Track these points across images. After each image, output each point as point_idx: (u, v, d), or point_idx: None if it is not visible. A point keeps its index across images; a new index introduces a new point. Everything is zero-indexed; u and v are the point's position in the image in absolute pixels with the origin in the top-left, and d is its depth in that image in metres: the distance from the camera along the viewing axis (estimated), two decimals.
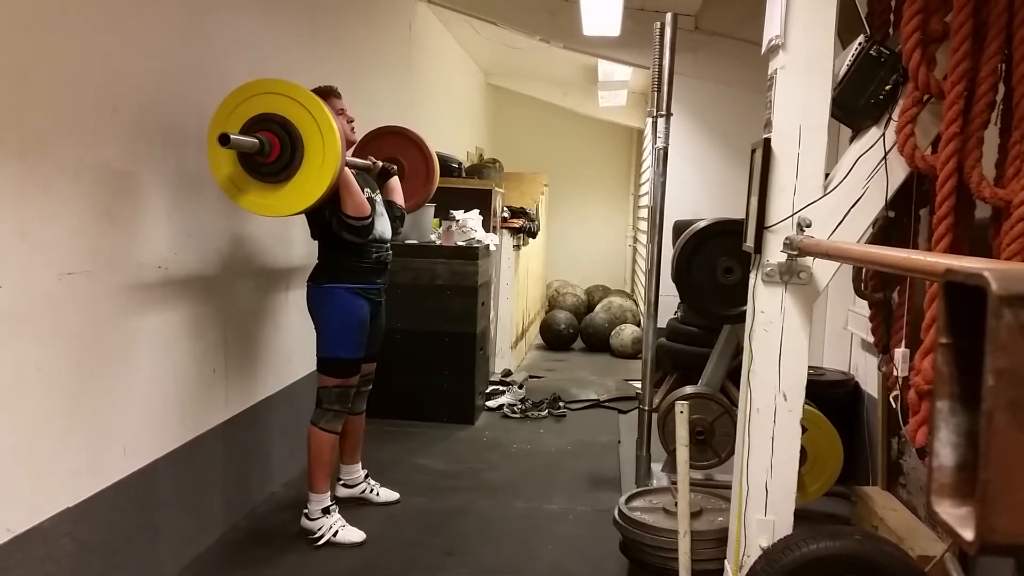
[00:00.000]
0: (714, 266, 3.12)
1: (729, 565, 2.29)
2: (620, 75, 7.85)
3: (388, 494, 3.51)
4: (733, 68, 5.57)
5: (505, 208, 6.21)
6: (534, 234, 6.84)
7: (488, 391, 5.32)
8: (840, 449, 3.06)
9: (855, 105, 2.11)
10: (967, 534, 0.82)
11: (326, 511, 3.07)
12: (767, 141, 2.11)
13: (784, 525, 2.16)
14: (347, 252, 3.03)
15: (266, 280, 3.49)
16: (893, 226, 2.34)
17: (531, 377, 6.13)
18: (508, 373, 5.92)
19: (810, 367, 2.24)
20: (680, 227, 3.54)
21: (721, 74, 5.68)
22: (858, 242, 2.09)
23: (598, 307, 8.19)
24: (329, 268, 3.07)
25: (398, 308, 4.22)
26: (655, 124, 3.54)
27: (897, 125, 2.04)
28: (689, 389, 3.43)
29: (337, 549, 3.01)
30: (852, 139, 2.21)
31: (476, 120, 9.26)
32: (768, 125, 2.14)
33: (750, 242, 2.19)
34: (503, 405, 5.16)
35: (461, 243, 4.91)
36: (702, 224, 3.20)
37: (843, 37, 2.20)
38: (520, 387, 5.46)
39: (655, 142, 3.56)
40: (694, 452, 3.12)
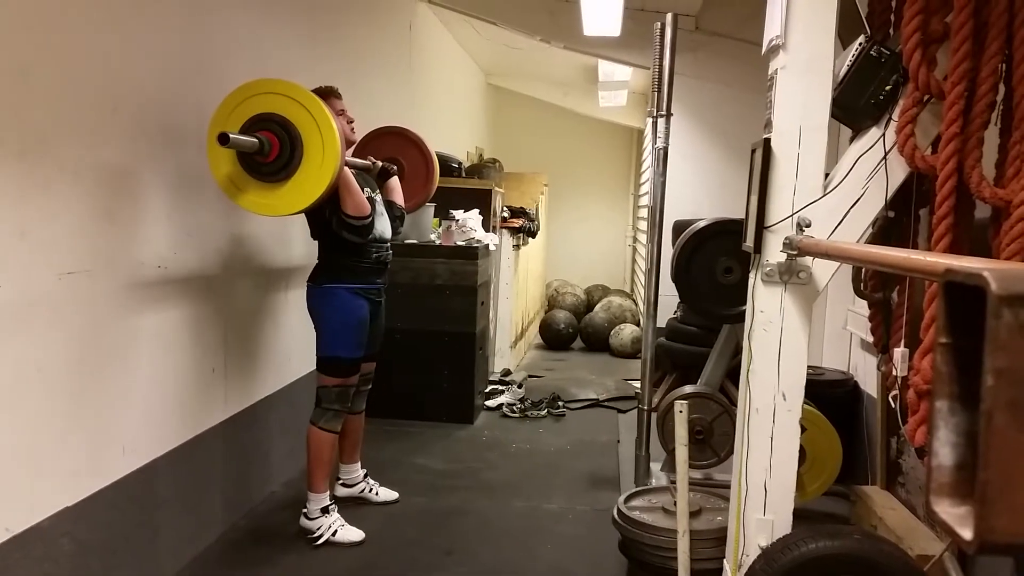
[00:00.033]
0: (714, 266, 3.13)
1: (728, 564, 2.29)
2: (620, 75, 7.85)
3: (387, 493, 3.52)
4: (733, 68, 5.58)
5: (505, 208, 6.21)
6: (534, 234, 6.84)
7: (487, 391, 5.32)
8: (839, 449, 3.07)
9: (855, 105, 2.11)
10: (966, 533, 0.82)
11: (325, 510, 3.07)
12: (767, 141, 2.11)
13: (783, 524, 2.16)
14: (347, 252, 3.03)
15: (266, 280, 3.49)
16: (893, 226, 2.34)
17: (530, 377, 6.13)
18: (507, 373, 5.92)
19: (809, 367, 2.24)
20: (680, 227, 3.54)
21: (721, 74, 5.68)
22: (858, 242, 2.10)
23: (597, 307, 8.19)
24: (329, 268, 3.07)
25: (398, 308, 4.22)
26: (655, 124, 3.54)
27: (897, 125, 2.04)
28: (688, 388, 3.43)
29: (336, 548, 3.01)
30: (852, 139, 2.21)
31: (476, 120, 9.26)
32: (768, 125, 2.14)
33: (750, 242, 2.19)
34: (502, 405, 5.16)
35: (461, 243, 4.91)
36: (702, 224, 3.20)
37: (843, 37, 2.20)
38: (519, 386, 5.46)
39: (655, 142, 3.57)
40: (693, 451, 3.12)
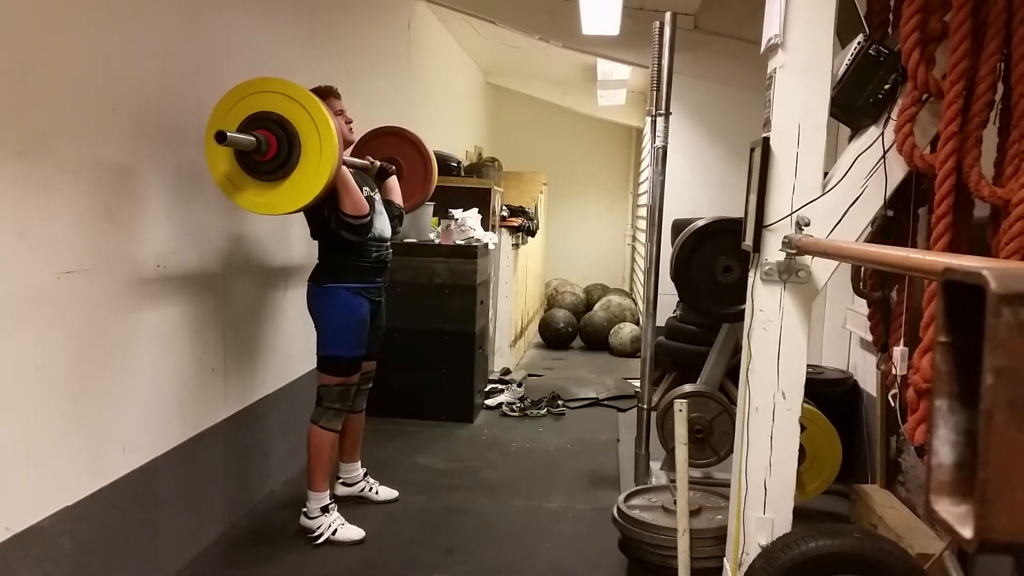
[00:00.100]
0: (713, 265, 3.13)
1: (728, 563, 2.30)
2: (619, 74, 7.85)
3: (387, 492, 3.52)
4: (732, 67, 5.57)
5: (504, 207, 6.21)
6: (533, 233, 6.84)
7: (487, 389, 5.32)
8: (839, 447, 3.07)
9: (854, 104, 2.11)
10: (966, 532, 0.82)
11: (325, 509, 3.08)
12: (766, 140, 2.11)
13: (783, 523, 2.16)
14: (347, 251, 3.03)
15: (265, 279, 3.49)
16: (892, 225, 2.34)
17: (530, 376, 6.13)
18: (507, 372, 5.92)
19: (809, 365, 2.24)
20: (679, 226, 3.54)
21: (720, 73, 5.68)
22: (857, 241, 2.10)
23: (597, 306, 8.19)
24: (329, 268, 3.07)
25: (397, 307, 4.22)
26: (654, 123, 3.54)
27: (896, 124, 2.04)
28: (688, 387, 3.43)
29: (336, 547, 3.01)
30: (851, 138, 2.21)
31: (475, 119, 9.26)
32: (767, 124, 2.14)
33: (749, 241, 2.19)
34: (502, 404, 5.16)
35: (460, 242, 4.91)
36: (701, 223, 3.20)
37: (842, 36, 2.20)
38: (519, 385, 5.46)
39: (654, 141, 3.56)
40: (693, 450, 3.12)
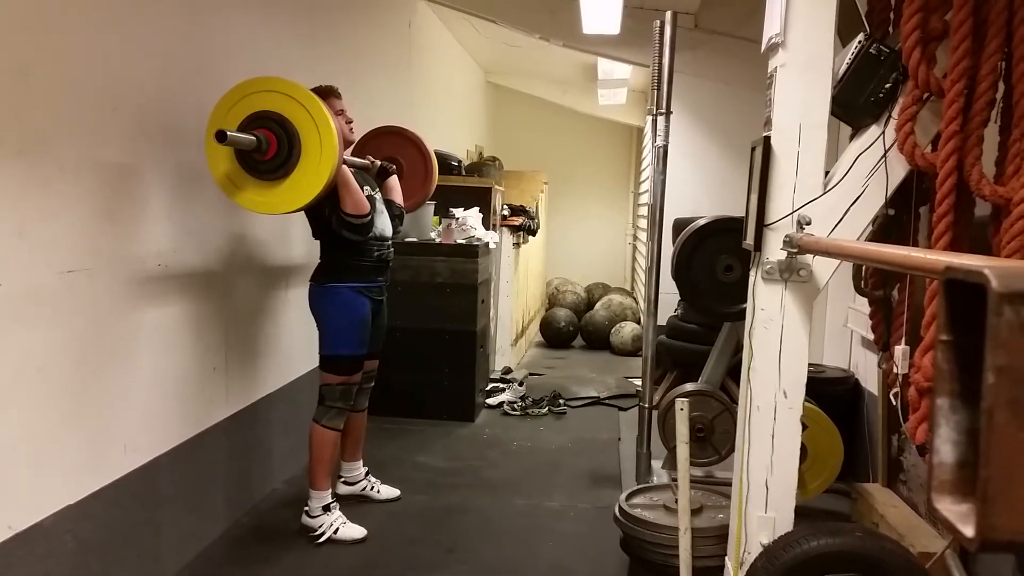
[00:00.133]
0: (714, 264, 3.13)
1: (730, 562, 2.30)
2: (620, 73, 7.85)
3: (389, 491, 3.52)
4: (733, 66, 5.57)
5: (505, 206, 6.21)
6: (534, 232, 6.84)
7: (488, 389, 5.32)
8: (840, 446, 3.07)
9: (855, 103, 2.11)
10: (968, 531, 0.83)
11: (327, 508, 3.08)
12: (767, 139, 2.11)
13: (784, 522, 2.16)
14: (349, 251, 3.03)
15: (266, 278, 3.49)
16: (893, 224, 2.34)
17: (531, 375, 6.13)
18: (508, 371, 5.92)
19: (810, 364, 2.24)
20: (680, 225, 3.54)
21: (721, 72, 5.68)
22: (858, 240, 2.10)
23: (598, 305, 8.19)
24: (332, 267, 3.07)
25: (398, 306, 4.22)
26: (655, 122, 3.54)
27: (897, 123, 2.04)
28: (689, 386, 3.43)
29: (338, 546, 3.02)
30: (852, 137, 2.21)
31: (476, 118, 9.26)
32: (768, 123, 2.14)
33: (750, 240, 2.19)
34: (503, 403, 5.16)
35: (461, 241, 4.91)
36: (702, 222, 3.20)
37: (843, 35, 2.20)
38: (520, 384, 5.46)
39: (655, 140, 3.56)
40: (694, 449, 3.12)
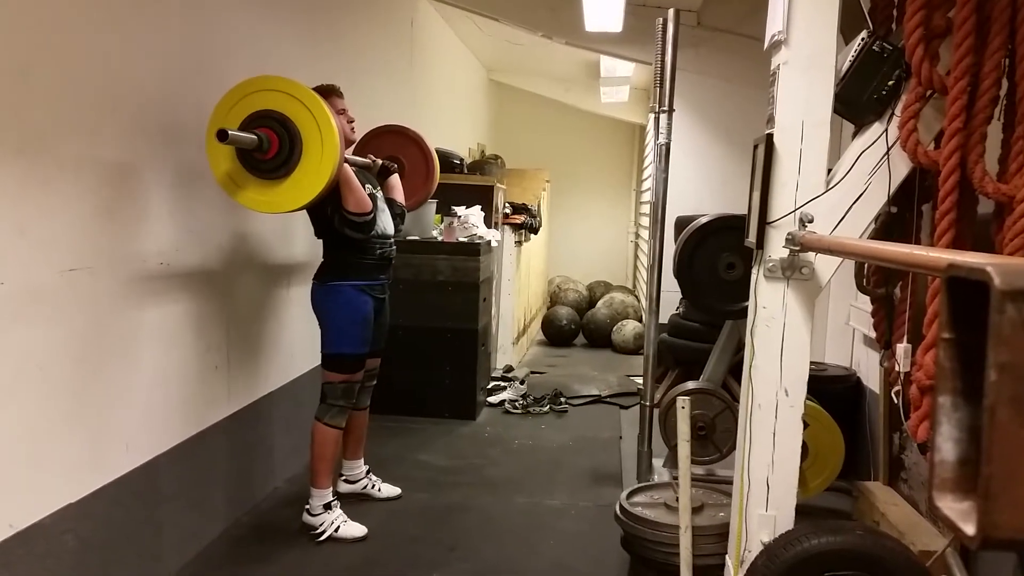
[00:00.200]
0: (716, 262, 3.12)
1: (730, 560, 2.29)
2: (622, 71, 7.84)
3: (390, 490, 3.52)
4: (735, 64, 5.56)
5: (507, 204, 6.21)
6: (536, 230, 6.83)
7: (489, 387, 5.32)
8: (842, 444, 3.06)
9: (858, 100, 2.10)
10: (969, 529, 0.82)
11: (328, 507, 3.08)
12: (769, 137, 2.10)
13: (785, 520, 2.16)
14: (352, 249, 3.03)
15: (268, 276, 3.49)
16: (895, 221, 2.33)
17: (533, 373, 6.13)
18: (510, 369, 5.92)
19: (812, 362, 2.23)
20: (682, 223, 3.54)
21: (723, 70, 5.67)
22: (860, 237, 2.09)
23: (600, 303, 8.19)
24: (335, 266, 3.07)
25: (400, 304, 4.22)
26: (657, 120, 3.54)
27: (900, 120, 2.03)
28: (691, 385, 3.43)
29: (339, 544, 3.02)
30: (855, 135, 2.20)
31: (478, 116, 9.25)
32: (770, 121, 2.13)
33: (752, 238, 2.19)
34: (504, 401, 5.16)
35: (463, 239, 4.91)
36: (704, 220, 3.20)
37: (846, 33, 2.19)
38: (522, 383, 5.46)
39: (657, 138, 3.56)
40: (695, 448, 3.12)
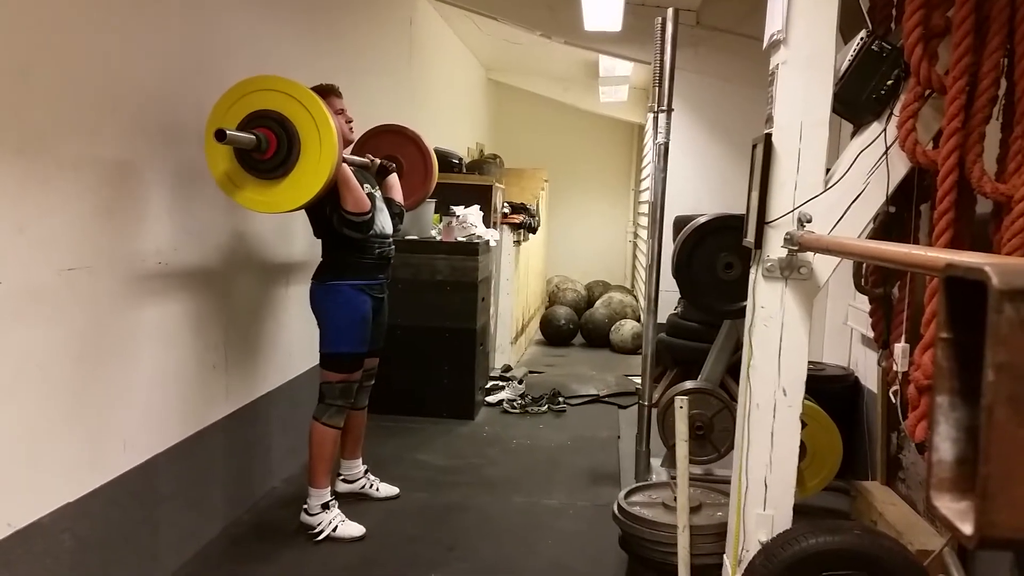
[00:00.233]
0: (714, 261, 3.12)
1: (728, 560, 2.29)
2: (621, 70, 7.84)
3: (388, 489, 3.52)
4: (734, 64, 5.56)
5: (505, 204, 6.21)
6: (534, 230, 6.83)
7: (488, 386, 5.32)
8: (839, 444, 3.07)
9: (856, 100, 2.10)
10: (966, 528, 0.82)
11: (326, 506, 3.08)
12: (768, 136, 2.10)
13: (783, 520, 2.16)
14: (350, 249, 3.03)
15: (266, 276, 3.49)
16: (894, 221, 2.33)
17: (531, 372, 6.14)
18: (508, 368, 5.92)
19: (810, 362, 2.24)
20: (680, 222, 3.54)
21: (722, 70, 5.67)
22: (859, 237, 2.09)
23: (598, 303, 8.19)
24: (333, 266, 3.07)
25: (398, 304, 4.22)
26: (656, 119, 3.54)
27: (898, 120, 2.03)
28: (689, 384, 3.43)
29: (337, 544, 3.02)
30: (853, 134, 2.21)
31: (477, 116, 9.25)
32: (769, 120, 2.13)
33: (751, 237, 2.19)
34: (503, 400, 5.16)
35: (461, 239, 4.90)
36: (703, 219, 3.20)
37: (844, 32, 2.19)
38: (520, 382, 5.46)
39: (656, 137, 3.56)
40: (693, 447, 3.12)
